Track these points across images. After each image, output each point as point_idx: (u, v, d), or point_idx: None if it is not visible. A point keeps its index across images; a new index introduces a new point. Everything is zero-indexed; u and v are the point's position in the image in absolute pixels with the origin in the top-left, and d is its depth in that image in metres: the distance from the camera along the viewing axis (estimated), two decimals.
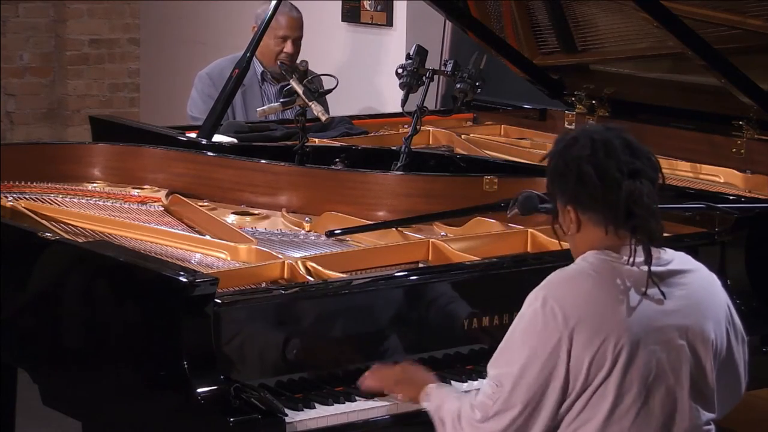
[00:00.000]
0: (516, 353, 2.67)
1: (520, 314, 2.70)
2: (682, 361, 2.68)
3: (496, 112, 5.23)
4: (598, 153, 2.68)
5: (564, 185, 2.72)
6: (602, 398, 2.63)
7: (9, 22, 7.67)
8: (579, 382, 2.63)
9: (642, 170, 2.68)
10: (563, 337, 2.62)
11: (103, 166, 4.17)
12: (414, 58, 4.30)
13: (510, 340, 2.70)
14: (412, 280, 3.26)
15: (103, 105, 7.85)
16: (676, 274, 2.73)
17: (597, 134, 2.71)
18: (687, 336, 2.69)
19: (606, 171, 2.67)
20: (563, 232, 2.78)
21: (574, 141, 2.72)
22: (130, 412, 3.06)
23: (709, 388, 2.73)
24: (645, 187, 2.66)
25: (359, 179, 3.91)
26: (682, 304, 2.70)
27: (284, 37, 5.21)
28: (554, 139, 2.82)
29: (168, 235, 3.60)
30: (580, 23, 4.80)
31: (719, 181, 4.31)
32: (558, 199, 2.76)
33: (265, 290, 3.18)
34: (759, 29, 4.16)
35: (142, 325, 3.06)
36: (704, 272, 2.81)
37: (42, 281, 3.39)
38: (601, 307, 2.65)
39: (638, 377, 2.64)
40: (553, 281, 2.70)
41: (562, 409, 2.66)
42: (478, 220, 3.77)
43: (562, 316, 2.63)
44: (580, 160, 2.69)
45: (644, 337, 2.64)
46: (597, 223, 2.70)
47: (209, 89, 5.15)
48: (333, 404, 2.96)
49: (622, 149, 2.68)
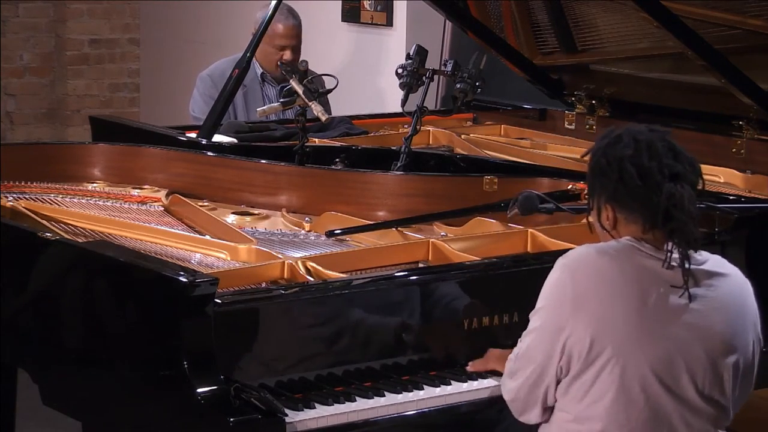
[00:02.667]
0: (537, 313, 2.78)
1: (547, 279, 2.79)
2: (697, 364, 2.68)
3: (496, 112, 5.23)
4: (642, 154, 2.70)
5: (605, 183, 2.75)
6: (608, 384, 2.66)
7: (9, 22, 7.67)
8: (581, 360, 2.67)
9: (684, 174, 2.70)
10: (568, 315, 2.68)
11: (103, 166, 4.17)
12: (414, 58, 4.30)
13: (539, 299, 2.79)
14: (412, 280, 3.26)
15: (103, 105, 7.85)
16: (708, 276, 2.74)
17: (641, 135, 2.73)
18: (706, 339, 2.69)
19: (648, 172, 2.69)
20: (598, 228, 2.80)
21: (618, 140, 2.74)
22: (130, 412, 3.06)
23: (724, 396, 2.72)
24: (686, 191, 2.68)
25: (359, 179, 3.91)
26: (707, 307, 2.71)
27: (282, 46, 5.21)
28: (596, 137, 2.84)
29: (168, 235, 3.60)
30: (580, 23, 4.80)
31: (719, 181, 4.30)
32: (596, 195, 2.78)
33: (265, 290, 3.18)
34: (759, 29, 4.16)
35: (142, 325, 3.06)
36: (737, 278, 2.81)
37: (42, 281, 3.38)
38: (611, 291, 2.67)
39: (647, 369, 2.65)
40: (574, 257, 2.76)
41: (570, 383, 2.70)
42: (478, 220, 3.76)
43: (572, 292, 2.69)
44: (623, 160, 2.71)
45: (657, 330, 2.65)
46: (634, 222, 2.73)
47: (210, 90, 5.15)
48: (333, 404, 2.96)
49: (665, 152, 2.70)
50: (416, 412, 3.03)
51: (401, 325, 3.16)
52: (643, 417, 2.66)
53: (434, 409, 3.06)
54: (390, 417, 3.00)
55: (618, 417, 2.66)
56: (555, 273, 2.76)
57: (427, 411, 3.05)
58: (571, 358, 2.68)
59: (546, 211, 3.40)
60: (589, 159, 2.81)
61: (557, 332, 2.70)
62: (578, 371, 2.68)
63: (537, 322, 2.77)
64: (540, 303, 2.78)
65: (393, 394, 3.03)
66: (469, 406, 3.10)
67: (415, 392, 3.06)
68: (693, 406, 2.68)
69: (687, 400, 2.67)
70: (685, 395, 2.67)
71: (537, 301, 2.79)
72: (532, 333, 2.78)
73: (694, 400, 2.68)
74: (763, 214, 3.71)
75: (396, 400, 3.02)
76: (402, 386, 3.06)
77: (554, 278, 2.76)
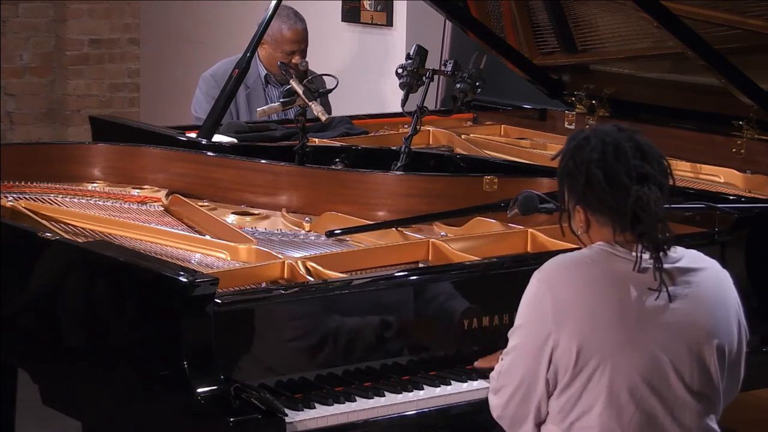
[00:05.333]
0: (516, 332, 2.74)
1: (524, 293, 2.75)
2: (684, 361, 2.67)
3: (496, 112, 5.23)
4: (608, 156, 2.68)
5: (574, 186, 2.74)
6: (596, 392, 2.64)
7: (9, 22, 7.67)
8: (568, 371, 2.64)
9: (651, 175, 2.68)
10: (551, 327, 2.65)
11: (103, 166, 4.17)
12: (414, 58, 4.30)
13: (517, 316, 2.76)
14: (412, 280, 3.26)
15: (103, 105, 7.85)
16: (685, 272, 2.72)
17: (608, 137, 2.71)
18: (690, 335, 2.68)
19: (615, 175, 2.67)
20: (572, 231, 2.79)
21: (586, 142, 2.73)
22: (130, 412, 3.06)
23: (713, 388, 2.72)
24: (653, 193, 2.66)
25: (359, 179, 3.91)
26: (687, 304, 2.69)
27: (291, 51, 5.19)
28: (567, 138, 2.82)
29: (168, 235, 3.60)
30: (580, 23, 4.80)
31: (719, 181, 4.30)
32: (568, 198, 2.77)
33: (265, 290, 3.18)
34: (759, 29, 4.16)
35: (142, 325, 3.06)
36: (715, 270, 2.79)
37: (42, 281, 3.38)
38: (592, 299, 2.66)
39: (635, 374, 2.63)
40: (551, 268, 2.73)
41: (558, 396, 2.67)
42: (478, 220, 3.77)
43: (552, 304, 2.66)
44: (590, 163, 2.69)
45: (640, 333, 2.64)
46: (605, 224, 2.72)
47: (213, 90, 5.14)
48: (333, 404, 2.96)
49: (632, 153, 2.69)
50: (416, 412, 3.03)
51: (401, 325, 3.16)
52: (635, 422, 2.65)
53: (434, 409, 3.06)
54: (390, 417, 3.00)
55: (610, 425, 2.64)
56: (532, 287, 2.72)
57: (427, 411, 3.05)
58: (557, 371, 2.66)
59: (546, 211, 3.40)
60: (559, 162, 2.79)
61: (541, 347, 2.66)
62: (566, 384, 2.65)
63: (518, 339, 2.72)
64: (519, 320, 2.74)
65: (393, 394, 3.04)
66: (469, 407, 3.10)
67: (415, 392, 3.06)
68: (683, 404, 2.68)
69: (677, 399, 2.67)
70: (674, 395, 2.66)
71: (516, 318, 2.74)
72: (514, 350, 2.73)
73: (684, 398, 2.67)
74: (763, 214, 3.70)
75: (396, 400, 3.02)
76: (402, 386, 3.06)
77: (532, 293, 2.72)
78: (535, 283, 2.72)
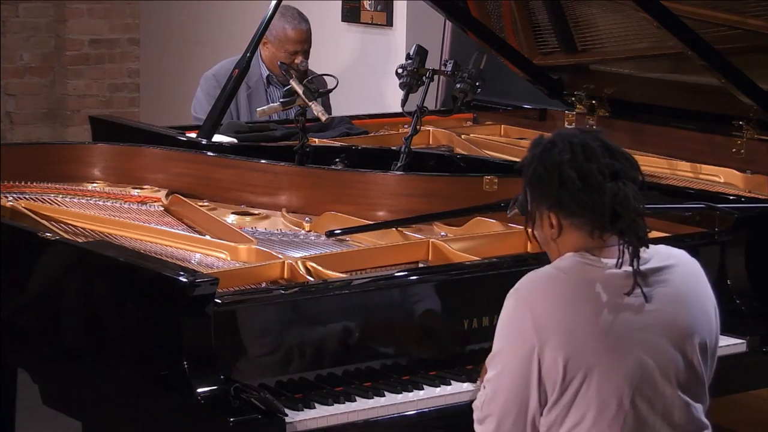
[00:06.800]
0: (496, 358, 2.70)
1: (500, 316, 2.70)
2: (668, 360, 2.66)
3: (496, 112, 5.23)
4: (578, 156, 2.67)
5: (545, 191, 2.70)
6: (586, 404, 2.62)
7: (9, 22, 7.67)
8: (556, 387, 2.62)
9: (623, 171, 2.67)
10: (534, 344, 2.62)
11: (103, 166, 4.17)
12: (414, 58, 4.30)
13: (495, 342, 2.71)
14: (412, 280, 3.26)
15: (103, 105, 7.85)
16: (657, 272, 2.71)
17: (575, 138, 2.70)
18: (671, 334, 2.67)
19: (588, 174, 2.66)
20: (541, 238, 2.77)
21: (553, 145, 2.71)
22: (130, 412, 3.06)
23: (699, 382, 2.71)
24: (629, 188, 2.65)
25: (359, 179, 3.91)
26: (664, 303, 2.68)
27: (295, 51, 5.19)
28: (529, 144, 2.81)
29: (168, 235, 3.60)
30: (580, 23, 4.80)
31: (719, 181, 4.30)
32: (536, 204, 2.74)
33: (265, 290, 3.18)
34: (759, 29, 4.16)
35: (142, 325, 3.06)
36: (685, 263, 2.78)
37: (42, 281, 3.39)
38: (572, 312, 2.64)
39: (622, 382, 2.62)
40: (526, 285, 2.70)
41: (546, 413, 2.65)
42: (478, 220, 3.77)
43: (532, 323, 2.63)
44: (561, 164, 2.67)
45: (623, 340, 2.63)
46: (581, 227, 2.69)
47: (215, 90, 5.13)
48: (333, 404, 2.96)
49: (601, 152, 2.68)
50: (416, 412, 3.03)
51: (401, 324, 3.16)
52: (627, 429, 2.64)
53: (434, 409, 3.06)
54: (390, 417, 3.00)
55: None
56: (509, 308, 2.68)
57: (427, 411, 3.05)
58: (545, 389, 2.63)
59: None
60: (525, 169, 2.76)
61: (528, 366, 2.63)
62: (554, 400, 2.63)
63: (501, 364, 2.67)
64: (499, 343, 2.69)
65: (393, 394, 3.03)
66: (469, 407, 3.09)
67: (415, 392, 3.06)
68: (672, 403, 2.67)
69: (665, 399, 2.66)
70: (662, 396, 2.66)
71: (494, 343, 2.70)
72: (498, 376, 2.68)
73: (672, 398, 2.66)
74: (763, 214, 3.71)
75: (396, 400, 3.02)
76: (402, 386, 3.06)
77: (509, 313, 2.68)
78: (511, 303, 2.69)
